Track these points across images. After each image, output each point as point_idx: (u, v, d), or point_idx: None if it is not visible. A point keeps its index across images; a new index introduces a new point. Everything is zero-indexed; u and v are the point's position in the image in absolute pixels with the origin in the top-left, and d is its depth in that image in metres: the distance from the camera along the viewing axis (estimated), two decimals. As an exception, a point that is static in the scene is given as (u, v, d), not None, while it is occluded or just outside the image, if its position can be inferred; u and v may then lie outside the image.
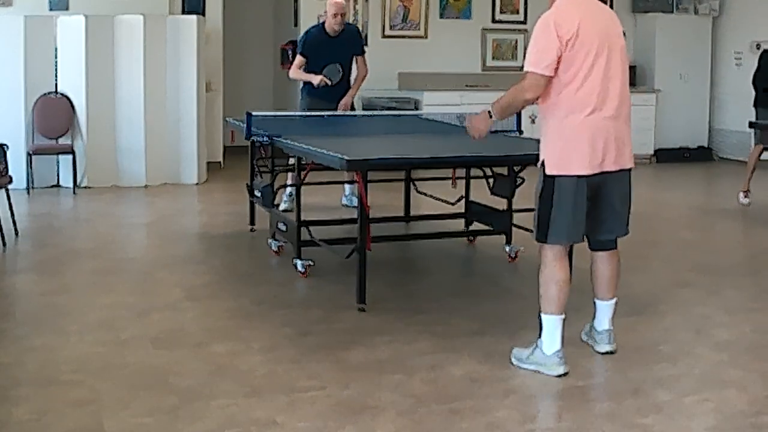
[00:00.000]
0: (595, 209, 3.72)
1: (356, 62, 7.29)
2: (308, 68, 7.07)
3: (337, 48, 7.04)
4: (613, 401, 3.41)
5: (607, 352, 3.90)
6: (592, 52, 3.54)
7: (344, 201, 7.51)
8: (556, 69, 3.53)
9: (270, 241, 5.86)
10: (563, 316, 3.70)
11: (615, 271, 3.90)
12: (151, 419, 3.19)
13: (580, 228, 3.69)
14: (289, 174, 6.88)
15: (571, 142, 3.58)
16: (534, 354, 3.71)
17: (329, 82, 6.92)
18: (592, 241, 3.86)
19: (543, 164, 3.67)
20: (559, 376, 3.64)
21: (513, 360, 3.78)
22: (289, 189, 7.02)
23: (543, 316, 3.70)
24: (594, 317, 3.97)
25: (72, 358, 3.84)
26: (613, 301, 3.91)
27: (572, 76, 3.54)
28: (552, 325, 3.67)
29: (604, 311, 3.92)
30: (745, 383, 3.63)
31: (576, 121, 3.57)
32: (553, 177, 3.61)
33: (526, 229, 5.54)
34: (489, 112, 3.82)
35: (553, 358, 3.66)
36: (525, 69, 3.60)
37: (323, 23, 7.13)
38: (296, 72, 7.14)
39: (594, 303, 3.95)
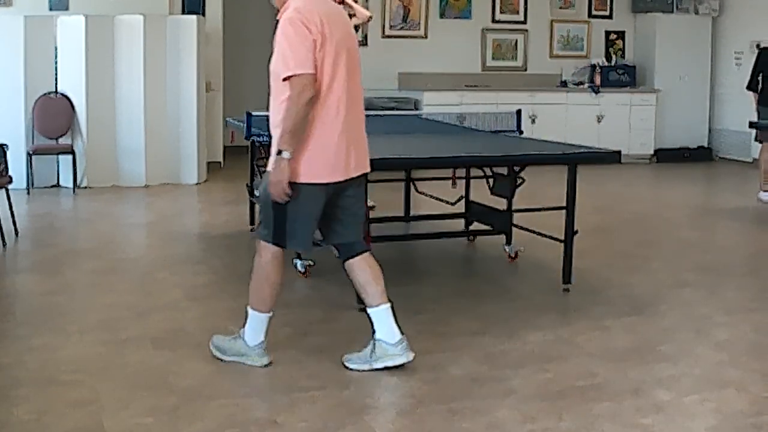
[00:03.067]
0: (339, 215, 3.67)
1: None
2: None
3: None
4: (613, 401, 3.41)
5: (411, 360, 3.65)
6: (334, 52, 3.46)
7: None
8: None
9: (270, 241, 5.85)
10: (271, 315, 3.70)
11: (379, 270, 3.77)
12: (151, 419, 3.19)
13: (313, 236, 3.66)
14: None
15: (319, 149, 3.49)
16: (236, 343, 3.72)
17: None
18: (342, 250, 3.75)
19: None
20: (265, 366, 3.67)
21: (213, 350, 3.77)
22: None
23: (251, 310, 3.68)
24: (374, 332, 3.68)
25: (72, 358, 3.84)
26: (390, 304, 3.70)
27: (320, 79, 3.43)
28: (259, 321, 3.68)
29: (389, 315, 3.68)
30: (745, 383, 3.63)
31: (323, 128, 3.48)
32: (297, 184, 3.47)
33: (526, 229, 5.55)
34: (279, 153, 3.44)
35: (257, 349, 3.69)
36: (286, 74, 3.39)
37: None
38: None
39: (369, 315, 3.71)
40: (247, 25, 11.65)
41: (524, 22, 11.36)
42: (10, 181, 6.25)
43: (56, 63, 8.55)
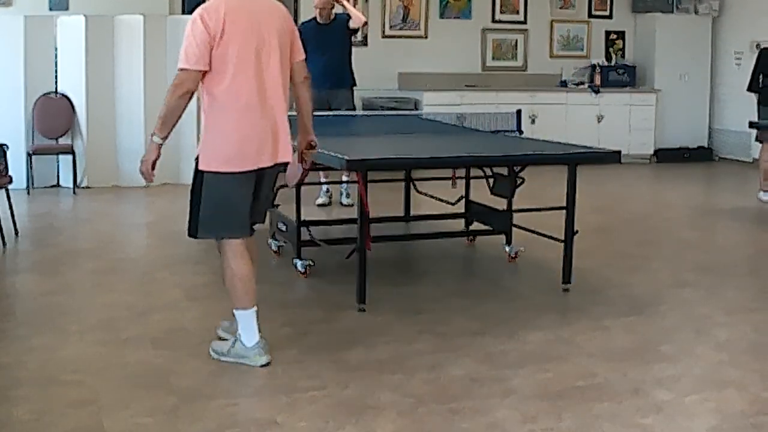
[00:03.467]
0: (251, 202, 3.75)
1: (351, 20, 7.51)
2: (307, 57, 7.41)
3: (328, 35, 7.37)
4: (613, 401, 3.41)
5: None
6: (238, 45, 3.55)
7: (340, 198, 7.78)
8: (211, 64, 3.55)
9: (270, 241, 5.86)
10: (255, 308, 3.75)
11: (256, 248, 3.93)
12: (151, 419, 3.19)
13: (245, 221, 3.71)
14: (321, 172, 7.25)
15: (226, 139, 3.61)
16: (235, 347, 3.75)
17: None
18: None
19: (197, 159, 3.67)
20: (263, 366, 3.70)
21: (213, 354, 3.80)
22: (325, 186, 7.57)
23: (236, 311, 3.76)
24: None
25: (72, 358, 3.84)
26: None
27: (223, 72, 3.55)
28: (247, 319, 3.73)
29: None
30: (745, 383, 3.63)
31: (229, 118, 3.59)
32: (208, 173, 3.63)
33: (526, 229, 5.55)
34: (152, 136, 3.70)
35: (255, 349, 3.72)
36: (178, 67, 3.59)
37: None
38: None
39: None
40: (247, 25, 11.66)
41: (524, 22, 11.36)
42: (10, 181, 6.25)
43: (56, 63, 8.55)
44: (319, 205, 7.53)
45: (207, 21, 3.51)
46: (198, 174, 3.66)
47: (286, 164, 3.81)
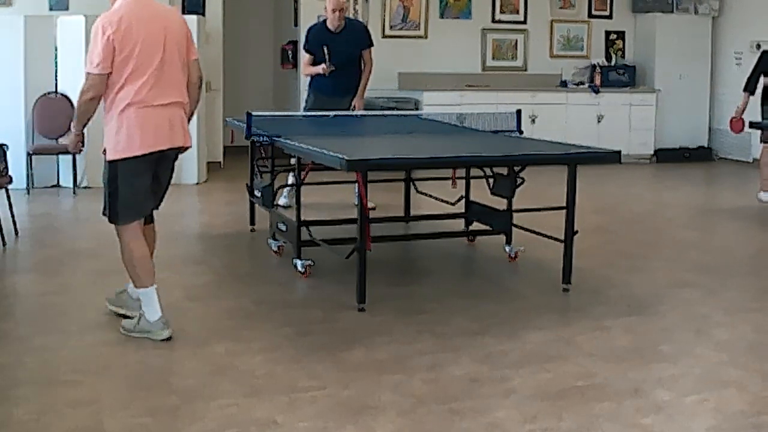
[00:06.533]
0: (154, 185, 4.16)
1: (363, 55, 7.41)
2: (315, 62, 7.31)
3: (339, 43, 7.15)
4: (613, 401, 3.41)
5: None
6: (139, 48, 3.91)
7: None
8: (113, 67, 3.91)
9: (270, 241, 5.86)
10: (155, 286, 4.10)
11: (153, 239, 4.36)
12: (151, 419, 3.19)
13: (145, 203, 4.13)
14: (290, 174, 7.03)
15: (129, 129, 3.95)
16: (140, 323, 4.08)
17: (333, 68, 7.13)
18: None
19: (105, 152, 4.04)
20: (165, 339, 4.01)
21: (122, 331, 4.12)
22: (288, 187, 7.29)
23: (138, 290, 4.11)
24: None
25: (72, 358, 3.84)
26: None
27: (124, 72, 3.91)
28: (148, 296, 4.07)
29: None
30: (745, 383, 3.63)
31: (131, 112, 3.94)
32: (115, 162, 3.99)
33: (526, 229, 5.56)
34: (72, 128, 4.21)
35: (158, 324, 4.04)
36: (85, 71, 3.94)
37: (325, 20, 7.26)
38: (306, 68, 7.43)
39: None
40: (247, 25, 11.66)
41: (524, 22, 11.36)
42: (10, 181, 6.24)
43: (56, 63, 8.55)
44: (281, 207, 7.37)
45: (108, 27, 3.87)
46: (110, 164, 4.00)
47: (182, 149, 4.18)
